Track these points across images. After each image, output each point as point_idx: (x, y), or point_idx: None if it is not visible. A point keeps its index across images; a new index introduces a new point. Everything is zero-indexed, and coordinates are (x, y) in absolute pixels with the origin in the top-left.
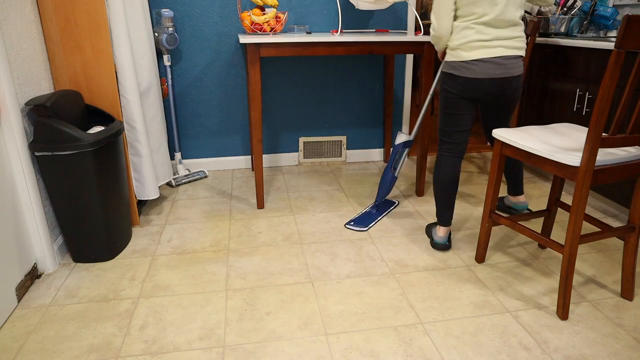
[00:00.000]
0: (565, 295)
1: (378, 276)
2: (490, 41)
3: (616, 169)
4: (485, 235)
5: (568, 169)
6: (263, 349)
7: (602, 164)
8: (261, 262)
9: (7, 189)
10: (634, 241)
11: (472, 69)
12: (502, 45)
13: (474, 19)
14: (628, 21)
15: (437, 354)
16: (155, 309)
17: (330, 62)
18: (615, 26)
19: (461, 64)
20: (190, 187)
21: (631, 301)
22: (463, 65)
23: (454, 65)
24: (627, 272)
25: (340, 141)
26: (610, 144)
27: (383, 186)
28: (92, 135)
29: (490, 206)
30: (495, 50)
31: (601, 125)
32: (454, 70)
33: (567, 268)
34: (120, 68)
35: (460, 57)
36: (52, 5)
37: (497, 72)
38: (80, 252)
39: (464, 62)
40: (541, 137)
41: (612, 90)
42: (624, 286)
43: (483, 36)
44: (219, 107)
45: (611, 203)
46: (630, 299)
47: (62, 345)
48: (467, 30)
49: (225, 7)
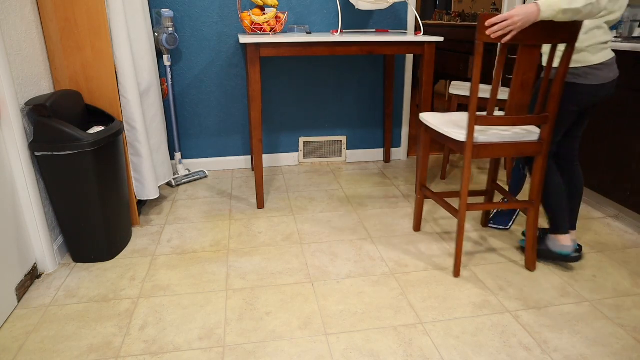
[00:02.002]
0: (457, 255)
1: (378, 276)
2: (608, 42)
3: (498, 146)
4: (419, 207)
5: (459, 144)
6: (263, 349)
7: (484, 141)
8: (261, 262)
9: (7, 189)
10: (533, 215)
11: (596, 74)
12: (611, 47)
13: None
14: (480, 18)
15: (437, 354)
16: (155, 309)
17: (330, 62)
18: (615, 26)
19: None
20: (190, 187)
21: (533, 272)
22: (589, 72)
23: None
24: (529, 244)
25: (340, 141)
26: (487, 122)
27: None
28: (92, 135)
29: (421, 181)
30: (610, 52)
31: (474, 106)
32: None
33: (459, 230)
34: (120, 68)
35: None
36: (52, 5)
37: (612, 75)
38: (80, 252)
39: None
40: (455, 120)
41: (479, 77)
42: (527, 258)
43: (607, 37)
44: (219, 107)
45: (611, 203)
46: (533, 269)
47: (62, 345)
48: (596, 30)
49: (225, 7)
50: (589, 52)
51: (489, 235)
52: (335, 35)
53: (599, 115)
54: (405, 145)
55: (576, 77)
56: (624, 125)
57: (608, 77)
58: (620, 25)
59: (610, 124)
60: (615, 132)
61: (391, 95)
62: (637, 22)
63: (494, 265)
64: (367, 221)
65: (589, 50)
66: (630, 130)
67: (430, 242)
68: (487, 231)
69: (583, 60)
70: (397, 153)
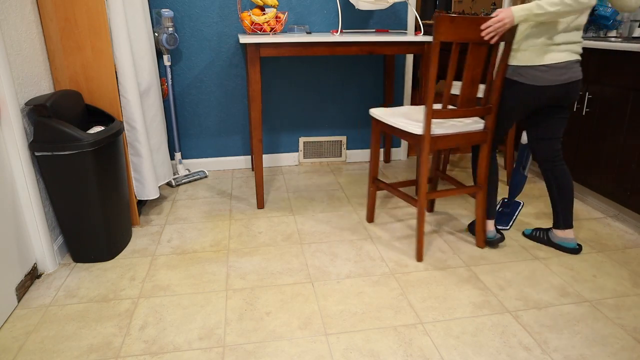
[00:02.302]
0: (419, 241)
1: (378, 276)
2: (560, 45)
3: (453, 137)
4: (371, 199)
5: (416, 137)
6: (263, 349)
7: (440, 133)
8: (261, 262)
9: (7, 189)
10: (481, 197)
11: (538, 76)
12: (569, 50)
13: None
14: (436, 19)
15: (437, 354)
16: (155, 309)
17: (330, 62)
18: (615, 26)
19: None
20: (190, 187)
21: (483, 249)
22: (529, 72)
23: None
24: (478, 224)
25: (340, 141)
26: (442, 115)
27: (517, 187)
28: (92, 135)
29: (373, 174)
30: (564, 55)
31: (431, 101)
32: (518, 77)
33: (419, 217)
34: (120, 68)
35: (528, 61)
36: (52, 5)
37: (564, 78)
38: (80, 252)
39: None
40: (407, 114)
41: (435, 75)
42: (477, 236)
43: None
44: (219, 107)
45: (611, 203)
46: (482, 246)
47: (62, 345)
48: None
49: (225, 7)
50: (531, 52)
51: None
52: (335, 35)
53: (599, 115)
54: (405, 145)
55: (518, 76)
56: (624, 125)
57: (555, 79)
58: (620, 25)
59: (610, 124)
60: (615, 132)
61: (391, 95)
62: (637, 22)
63: (488, 262)
64: (367, 221)
65: (530, 51)
66: (630, 130)
67: (430, 241)
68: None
69: (525, 60)
70: (397, 153)
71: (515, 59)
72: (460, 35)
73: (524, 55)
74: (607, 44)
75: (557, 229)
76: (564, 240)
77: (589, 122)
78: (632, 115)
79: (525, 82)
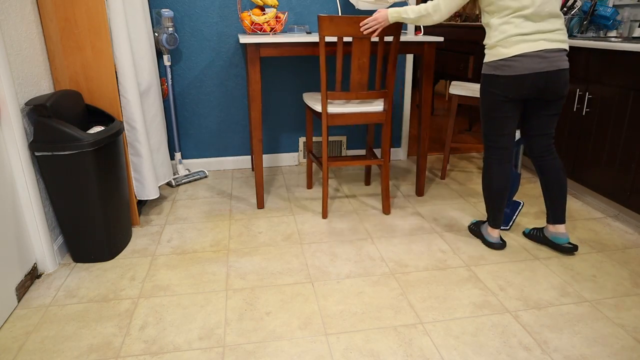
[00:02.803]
0: (324, 200)
1: (378, 276)
2: (531, 35)
3: (349, 115)
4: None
5: (319, 114)
6: (263, 349)
7: (336, 111)
8: (261, 262)
9: (7, 189)
10: (385, 170)
11: (514, 65)
12: (544, 39)
13: (510, 13)
14: (319, 19)
15: (437, 354)
16: (155, 309)
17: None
18: (615, 26)
19: (502, 62)
20: (190, 187)
21: (388, 215)
22: (504, 64)
23: (494, 65)
24: (384, 194)
25: (340, 141)
26: (336, 97)
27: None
28: (92, 135)
29: (309, 147)
30: (537, 44)
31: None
32: (495, 70)
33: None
34: (120, 68)
35: (501, 55)
36: (52, 5)
37: (541, 66)
38: (80, 252)
39: (505, 59)
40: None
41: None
42: (383, 204)
43: (523, 30)
44: (219, 107)
45: (611, 203)
46: (388, 212)
47: (62, 345)
48: (505, 26)
49: (225, 7)
50: (502, 46)
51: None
52: None
53: (599, 115)
54: (405, 145)
55: (494, 69)
56: (624, 125)
57: (531, 68)
58: (620, 25)
59: (610, 124)
60: (615, 132)
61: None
62: (637, 22)
63: (488, 262)
64: (367, 221)
65: (501, 45)
66: (630, 130)
67: (430, 241)
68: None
69: (497, 54)
70: (397, 153)
71: (490, 55)
72: (341, 32)
73: (497, 50)
74: (607, 44)
75: (548, 223)
76: (554, 235)
77: (589, 122)
78: (632, 115)
79: (502, 74)
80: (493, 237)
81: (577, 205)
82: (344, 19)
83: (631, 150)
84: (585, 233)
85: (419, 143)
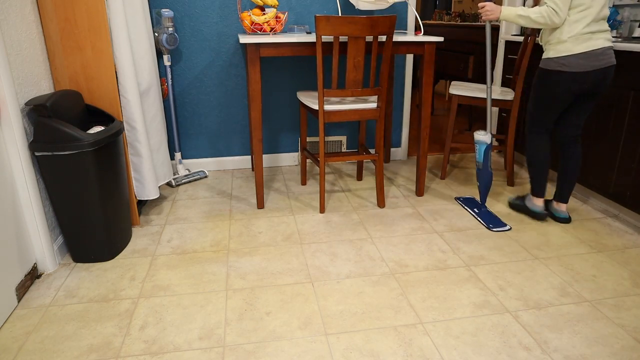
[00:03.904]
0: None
1: (378, 276)
2: (595, 33)
3: (344, 112)
4: (303, 164)
5: (316, 112)
6: (263, 349)
7: (332, 109)
8: (261, 262)
9: (7, 189)
10: (379, 165)
11: (581, 63)
12: (603, 37)
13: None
14: (316, 19)
15: (437, 354)
16: (155, 309)
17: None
18: (615, 26)
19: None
20: (190, 187)
21: (382, 208)
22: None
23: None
24: (378, 187)
25: (340, 141)
26: (332, 94)
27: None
28: (92, 135)
29: (303, 144)
30: (599, 42)
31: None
32: (562, 67)
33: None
34: (120, 68)
35: (569, 51)
36: (52, 5)
37: (602, 63)
38: (80, 252)
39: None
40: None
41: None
42: (378, 198)
43: (591, 28)
44: (219, 107)
45: (611, 203)
46: (383, 206)
47: (62, 345)
48: (576, 24)
49: (225, 7)
50: (571, 42)
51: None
52: None
53: (599, 115)
54: (405, 145)
55: (561, 66)
56: (624, 125)
57: (595, 65)
58: (620, 25)
59: (610, 124)
60: (615, 132)
61: (391, 95)
62: (637, 22)
63: (488, 262)
64: (367, 221)
65: (570, 41)
66: (630, 130)
67: (430, 241)
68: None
69: (565, 50)
70: (397, 153)
71: (554, 51)
72: (337, 31)
73: (564, 46)
74: None
75: (554, 199)
76: (557, 211)
77: (589, 122)
78: (632, 115)
79: (569, 71)
80: (538, 206)
81: (577, 205)
82: (340, 19)
83: (631, 150)
84: (585, 233)
85: (419, 143)
